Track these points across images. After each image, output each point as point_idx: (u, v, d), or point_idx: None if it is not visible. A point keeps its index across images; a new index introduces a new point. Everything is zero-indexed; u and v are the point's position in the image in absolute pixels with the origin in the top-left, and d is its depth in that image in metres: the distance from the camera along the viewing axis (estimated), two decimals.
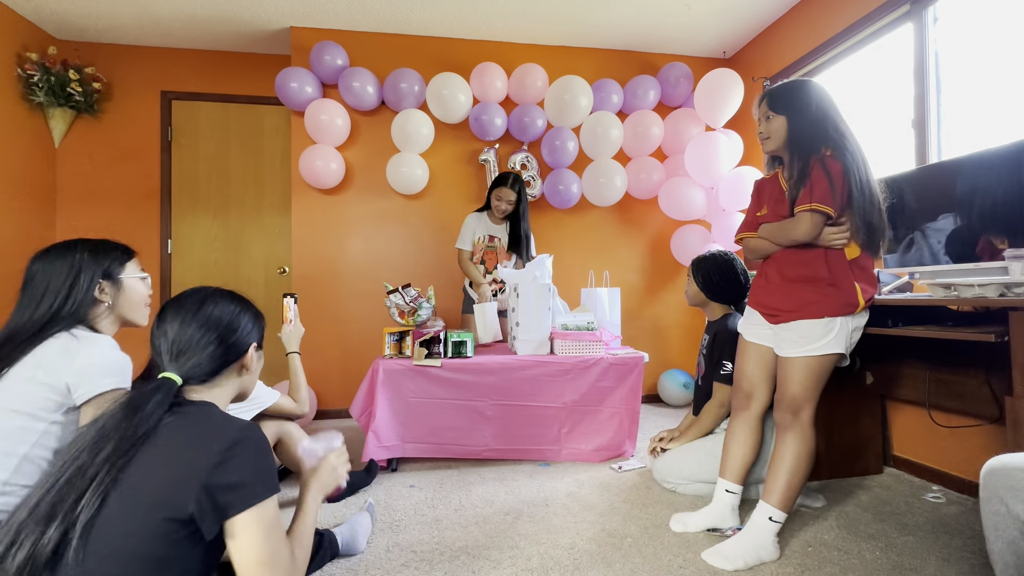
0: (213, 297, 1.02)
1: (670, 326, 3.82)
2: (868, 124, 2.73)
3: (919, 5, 2.38)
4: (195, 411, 0.90)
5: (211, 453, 0.81)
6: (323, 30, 3.41)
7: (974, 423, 1.95)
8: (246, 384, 1.08)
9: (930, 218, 1.83)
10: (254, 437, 0.89)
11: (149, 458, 0.81)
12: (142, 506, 0.78)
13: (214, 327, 0.98)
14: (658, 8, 3.21)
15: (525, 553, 1.58)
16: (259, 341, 1.09)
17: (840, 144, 1.53)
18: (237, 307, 1.04)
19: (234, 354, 1.01)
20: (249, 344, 1.04)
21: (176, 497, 0.78)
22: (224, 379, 1.01)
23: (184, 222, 3.67)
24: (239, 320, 1.03)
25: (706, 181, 3.31)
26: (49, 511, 0.76)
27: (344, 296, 3.46)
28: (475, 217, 2.97)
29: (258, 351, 1.09)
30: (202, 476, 0.79)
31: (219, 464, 0.81)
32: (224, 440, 0.84)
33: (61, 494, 0.77)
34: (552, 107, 3.35)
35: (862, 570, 1.48)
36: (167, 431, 0.85)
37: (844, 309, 1.52)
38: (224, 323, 1.00)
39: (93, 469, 0.78)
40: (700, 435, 2.08)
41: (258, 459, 0.87)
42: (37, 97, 3.21)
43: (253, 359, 1.06)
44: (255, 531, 0.83)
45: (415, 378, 2.27)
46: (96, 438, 0.82)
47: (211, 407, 0.95)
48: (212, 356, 0.97)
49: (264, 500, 0.85)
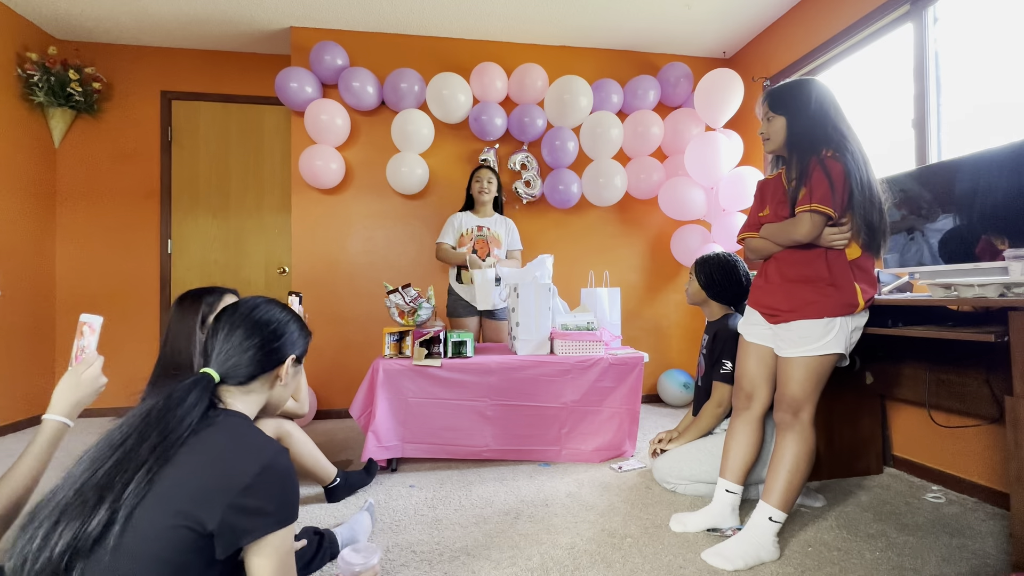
0: (267, 304, 1.07)
1: (670, 326, 3.82)
2: (868, 124, 2.73)
3: (919, 5, 2.38)
4: (232, 423, 0.91)
5: (243, 474, 0.82)
6: (323, 30, 3.41)
7: (974, 423, 1.95)
8: (276, 397, 1.08)
9: (930, 218, 1.83)
10: (284, 464, 0.89)
11: (185, 463, 0.82)
12: (171, 510, 0.78)
13: (259, 330, 1.01)
14: (658, 8, 3.21)
15: (525, 553, 1.58)
16: (300, 355, 1.10)
17: (841, 144, 1.52)
18: (287, 316, 1.08)
19: (273, 361, 1.03)
20: (289, 355, 1.06)
21: (201, 510, 0.78)
22: (258, 385, 1.03)
23: (184, 222, 3.67)
24: (284, 328, 1.06)
25: (706, 181, 3.31)
26: (97, 495, 0.76)
27: (344, 296, 3.46)
28: (458, 215, 2.97)
29: (296, 365, 1.09)
30: (231, 496, 0.80)
31: (248, 487, 0.81)
32: (257, 463, 0.84)
33: (110, 477, 0.78)
34: (552, 107, 3.35)
35: (862, 570, 1.48)
36: (205, 438, 0.85)
37: (844, 309, 1.52)
38: (269, 328, 1.03)
39: (141, 456, 0.79)
40: (699, 435, 2.08)
41: (284, 487, 0.87)
42: (37, 97, 3.21)
43: (289, 372, 1.07)
44: (272, 558, 0.83)
45: (415, 378, 2.27)
46: (142, 427, 0.83)
47: (246, 420, 0.96)
48: (252, 359, 1.00)
49: (282, 529, 0.85)
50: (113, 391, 1.45)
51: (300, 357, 1.10)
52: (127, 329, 3.52)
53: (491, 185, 2.92)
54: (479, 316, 2.96)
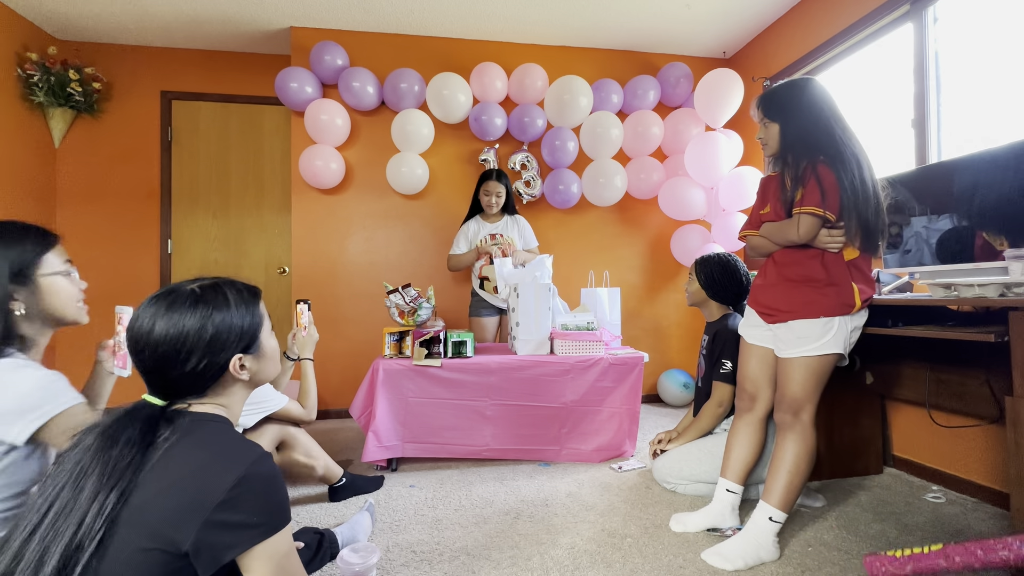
0: (170, 308, 0.84)
1: (670, 326, 3.82)
2: (868, 124, 2.73)
3: (919, 5, 2.38)
4: (205, 432, 0.83)
5: (218, 489, 0.75)
6: (323, 30, 3.41)
7: (974, 423, 1.95)
8: (258, 380, 0.95)
9: (930, 218, 1.83)
10: (264, 471, 0.80)
11: (153, 483, 0.76)
12: (143, 534, 0.73)
13: (174, 350, 0.83)
14: (658, 8, 3.21)
15: (525, 553, 1.58)
16: (248, 345, 0.90)
17: (834, 150, 1.52)
18: (203, 314, 0.86)
19: (213, 373, 0.87)
20: (228, 359, 0.87)
21: (173, 530, 0.73)
22: (221, 390, 0.89)
23: (184, 222, 3.67)
24: (203, 335, 0.84)
25: (706, 181, 3.31)
26: (39, 559, 0.70)
27: (344, 296, 3.46)
28: (469, 224, 3.01)
29: (252, 354, 0.91)
30: (205, 513, 0.74)
31: (224, 502, 0.75)
32: (232, 475, 0.77)
33: (46, 539, 0.71)
34: (552, 107, 3.35)
35: (862, 570, 1.47)
36: (176, 452, 0.79)
37: (841, 309, 1.52)
38: (184, 344, 0.83)
39: (80, 510, 0.72)
40: (699, 435, 2.08)
41: (268, 494, 0.80)
42: (37, 97, 3.21)
43: (244, 367, 0.90)
44: (268, 566, 0.79)
45: (415, 378, 2.27)
46: (77, 473, 0.75)
47: (221, 427, 0.86)
48: (187, 382, 0.85)
49: (273, 535, 0.80)
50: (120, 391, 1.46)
51: (254, 346, 0.91)
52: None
53: (500, 199, 2.93)
54: (499, 315, 3.04)
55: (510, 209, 3.03)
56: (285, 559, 0.82)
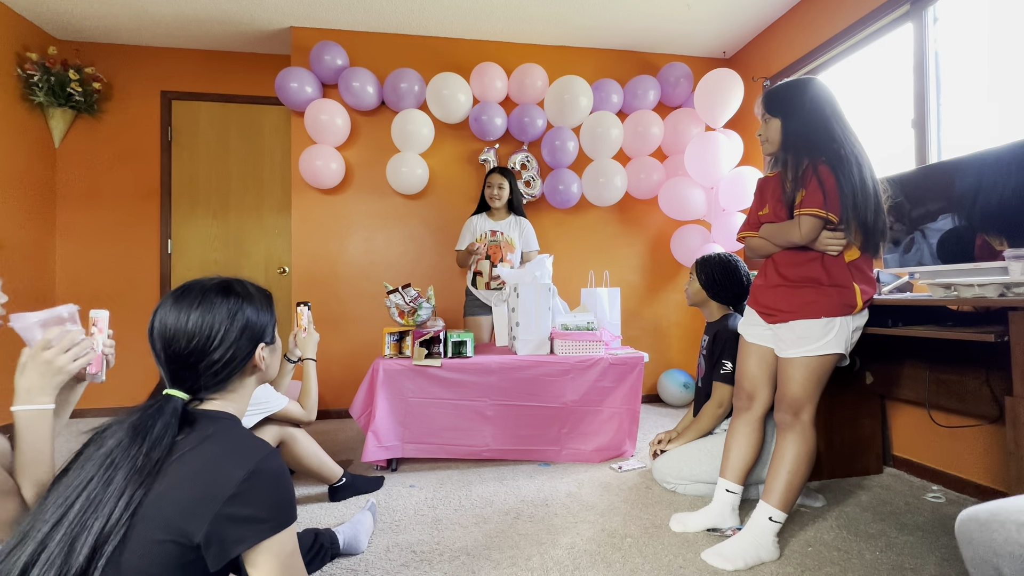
0: (203, 300, 0.89)
1: (670, 326, 3.82)
2: (868, 124, 2.73)
3: (919, 5, 2.38)
4: (217, 428, 0.85)
5: (229, 483, 0.77)
6: (323, 30, 3.41)
7: (974, 423, 1.95)
8: (266, 376, 1.01)
9: (930, 218, 1.83)
10: (274, 467, 0.83)
11: (170, 476, 0.78)
12: (158, 525, 0.75)
13: (206, 338, 0.87)
14: (658, 8, 3.21)
15: (525, 553, 1.58)
16: (270, 337, 0.97)
17: (835, 151, 1.51)
18: (231, 307, 0.90)
19: (235, 367, 0.91)
20: (258, 345, 0.93)
21: (187, 522, 0.75)
22: (237, 384, 0.94)
23: (184, 222, 3.67)
24: (235, 323, 0.90)
25: (706, 181, 3.31)
26: (66, 549, 0.71)
27: (344, 296, 3.46)
28: (473, 219, 3.01)
29: (270, 345, 0.97)
30: (217, 506, 0.76)
31: (235, 496, 0.77)
32: (243, 469, 0.79)
33: (73, 531, 0.72)
34: (552, 107, 3.35)
35: (862, 570, 1.48)
36: (189, 450, 0.81)
37: (842, 309, 1.52)
38: (218, 332, 0.88)
39: (109, 504, 0.74)
40: (699, 435, 2.08)
41: (277, 490, 0.82)
42: (37, 97, 3.21)
43: (264, 356, 0.96)
44: (272, 563, 0.80)
45: (415, 378, 2.27)
46: (106, 466, 0.77)
47: (231, 423, 0.89)
48: (214, 371, 0.88)
49: (280, 532, 0.81)
50: (113, 391, 1.45)
51: (271, 337, 0.97)
52: (126, 329, 3.50)
53: (503, 191, 2.93)
54: None
55: (517, 210, 3.02)
56: (290, 558, 0.83)
